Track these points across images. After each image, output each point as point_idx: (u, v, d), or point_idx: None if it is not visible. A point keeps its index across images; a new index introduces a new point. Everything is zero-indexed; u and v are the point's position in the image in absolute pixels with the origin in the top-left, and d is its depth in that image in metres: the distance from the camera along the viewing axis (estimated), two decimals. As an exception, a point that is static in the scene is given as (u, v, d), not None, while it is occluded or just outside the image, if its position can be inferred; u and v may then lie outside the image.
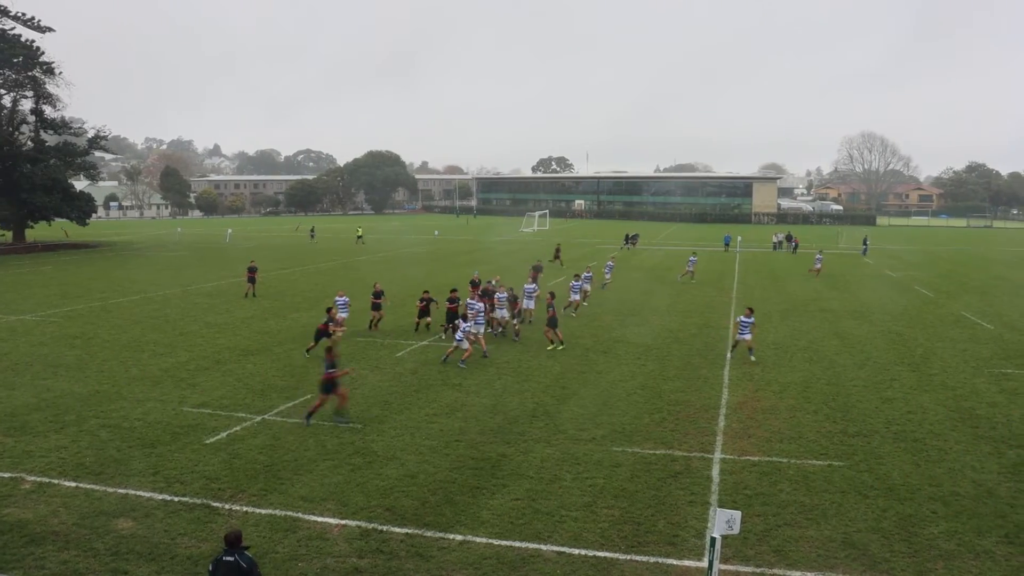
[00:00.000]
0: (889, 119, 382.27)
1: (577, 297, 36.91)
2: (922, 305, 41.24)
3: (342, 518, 14.33)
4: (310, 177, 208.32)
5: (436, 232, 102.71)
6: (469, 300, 28.77)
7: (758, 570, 12.62)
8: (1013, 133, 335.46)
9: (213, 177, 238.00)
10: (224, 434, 18.96)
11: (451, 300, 30.68)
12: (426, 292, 32.70)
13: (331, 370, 19.78)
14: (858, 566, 12.76)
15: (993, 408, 21.81)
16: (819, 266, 54.51)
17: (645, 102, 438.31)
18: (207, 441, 18.45)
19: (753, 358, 27.09)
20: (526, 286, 33.70)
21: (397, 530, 13.86)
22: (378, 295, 32.49)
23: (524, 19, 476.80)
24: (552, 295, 30.19)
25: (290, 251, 75.63)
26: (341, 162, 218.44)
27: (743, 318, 27.48)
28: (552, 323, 29.15)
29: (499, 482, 16.14)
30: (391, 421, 20.13)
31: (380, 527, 13.96)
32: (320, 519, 14.28)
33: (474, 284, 34.06)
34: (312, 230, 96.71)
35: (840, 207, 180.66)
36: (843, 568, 12.69)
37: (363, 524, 14.07)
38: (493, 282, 34.57)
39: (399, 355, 27.82)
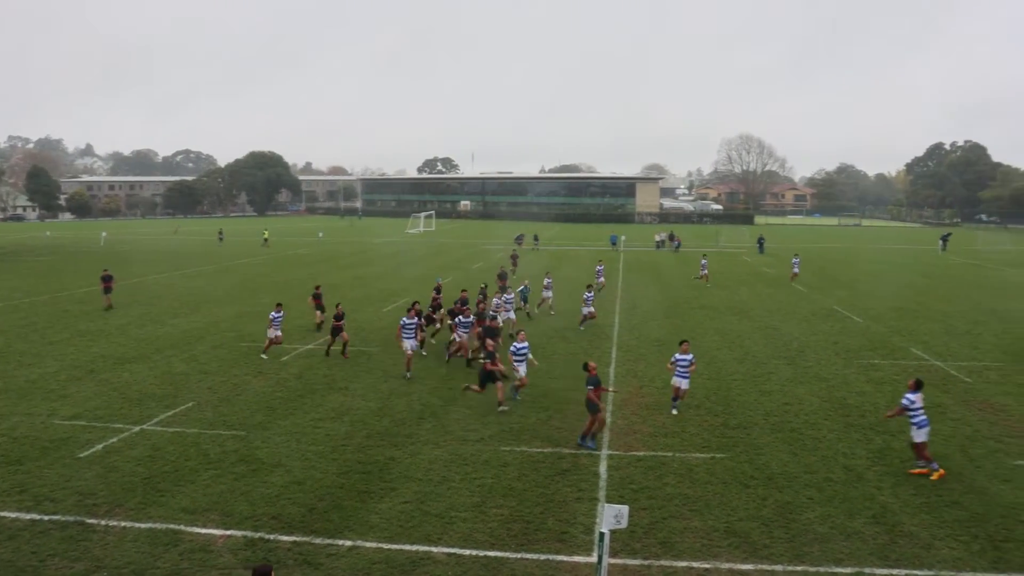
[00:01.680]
0: (766, 122, 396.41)
1: (591, 309, 33.70)
2: (797, 300, 42.98)
3: (226, 528, 13.97)
4: (189, 178, 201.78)
5: (320, 234, 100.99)
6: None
7: (645, 562, 12.93)
8: (878, 137, 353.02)
9: (86, 178, 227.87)
10: (99, 447, 18.21)
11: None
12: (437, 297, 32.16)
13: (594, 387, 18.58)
14: (740, 553, 13.25)
15: (862, 397, 22.96)
16: (705, 272, 52.45)
17: (530, 104, 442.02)
18: (80, 455, 17.68)
19: (674, 411, 21.28)
20: (497, 298, 31.91)
21: (284, 538, 13.61)
22: (339, 317, 27.91)
23: (409, 21, 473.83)
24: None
25: (169, 254, 73.15)
26: (222, 163, 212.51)
27: (679, 356, 21.28)
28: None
29: (388, 485, 16.05)
30: (276, 427, 19.75)
31: (266, 536, 13.68)
32: (203, 531, 13.89)
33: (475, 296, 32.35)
34: (220, 233, 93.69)
35: (720, 207, 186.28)
36: (726, 556, 13.14)
37: (249, 534, 13.76)
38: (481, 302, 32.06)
39: (284, 360, 27.29)
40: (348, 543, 13.48)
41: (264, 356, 27.53)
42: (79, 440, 18.67)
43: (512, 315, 31.79)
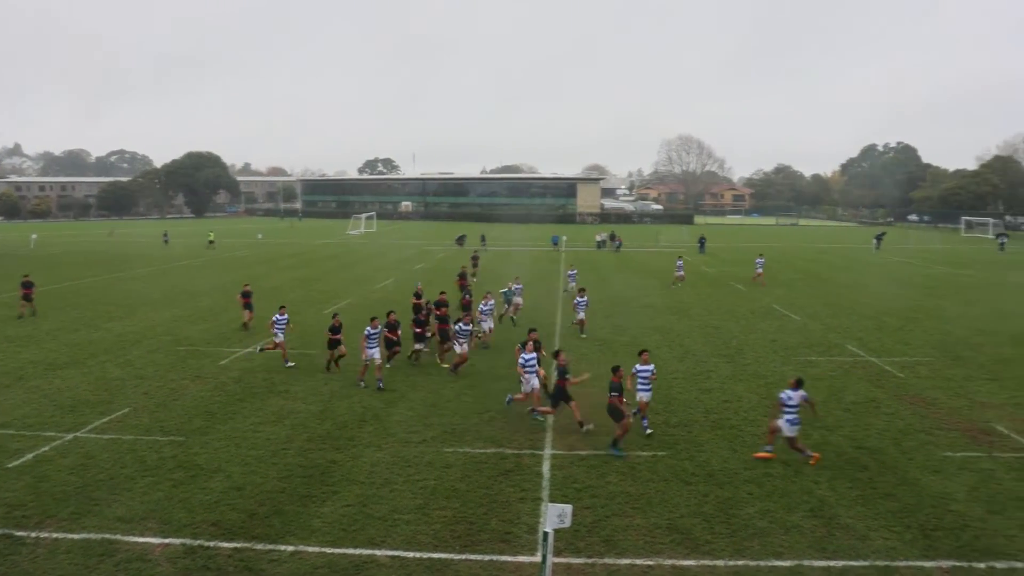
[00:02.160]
0: (706, 123, 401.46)
1: (582, 315, 32.50)
2: (736, 299, 43.61)
3: (164, 537, 13.71)
4: (124, 179, 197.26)
5: (259, 235, 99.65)
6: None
7: (589, 561, 13.02)
8: (814, 138, 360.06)
9: (14, 179, 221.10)
10: (29, 456, 17.71)
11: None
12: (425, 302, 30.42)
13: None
14: (682, 549, 13.41)
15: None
16: (681, 273, 51.20)
17: (472, 105, 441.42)
18: (9, 465, 17.17)
19: (648, 431, 19.75)
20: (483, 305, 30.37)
21: (225, 545, 13.40)
22: (336, 330, 25.84)
23: (349, 21, 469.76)
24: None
25: (104, 257, 71.39)
26: (158, 163, 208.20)
27: (640, 367, 20.08)
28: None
29: (330, 489, 15.90)
30: (215, 432, 19.43)
31: (206, 543, 13.46)
32: (140, 540, 13.60)
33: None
34: (165, 235, 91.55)
35: (660, 207, 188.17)
36: (668, 553, 13.29)
37: (188, 542, 13.52)
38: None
39: (223, 363, 26.87)
40: (290, 548, 13.33)
41: (290, 364, 26.53)
42: (7, 450, 18.13)
43: (491, 324, 30.29)
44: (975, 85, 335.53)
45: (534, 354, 21.32)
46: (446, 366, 26.19)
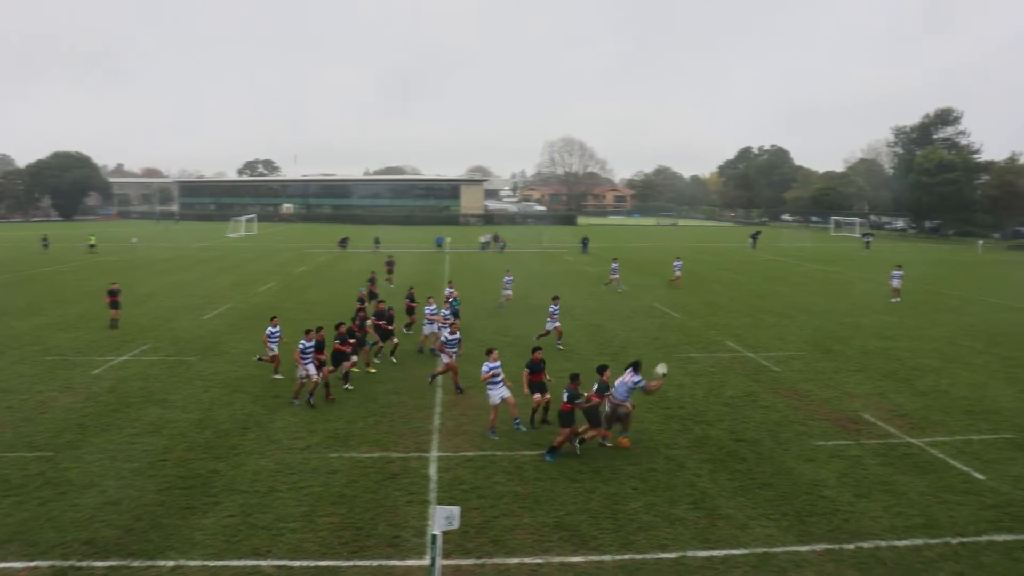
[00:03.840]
0: (588, 125, 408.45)
1: (557, 325, 30.82)
2: (619, 299, 44.43)
3: (30, 559, 12.97)
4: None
5: (134, 239, 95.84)
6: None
7: (479, 561, 13.02)
8: (692, 141, 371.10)
9: None
10: None
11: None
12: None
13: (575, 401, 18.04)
14: (570, 546, 13.56)
15: (681, 389, 24.02)
16: (679, 274, 51.07)
17: (354, 106, 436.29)
18: None
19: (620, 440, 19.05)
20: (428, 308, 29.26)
21: (98, 564, 12.81)
22: (347, 335, 24.69)
23: (227, 18, 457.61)
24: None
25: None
26: (22, 163, 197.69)
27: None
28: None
29: (211, 500, 15.41)
30: (88, 445, 18.54)
31: (78, 563, 12.82)
32: (2, 565, 12.85)
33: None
34: (45, 239, 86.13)
35: (543, 208, 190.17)
36: (557, 550, 13.41)
37: (57, 563, 12.84)
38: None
39: (95, 372, 25.69)
40: (170, 563, 12.84)
41: (278, 376, 25.26)
42: None
43: (436, 328, 28.43)
44: (842, 90, 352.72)
45: (498, 363, 19.76)
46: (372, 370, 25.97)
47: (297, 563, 12.89)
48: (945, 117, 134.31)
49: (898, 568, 12.90)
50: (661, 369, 19.36)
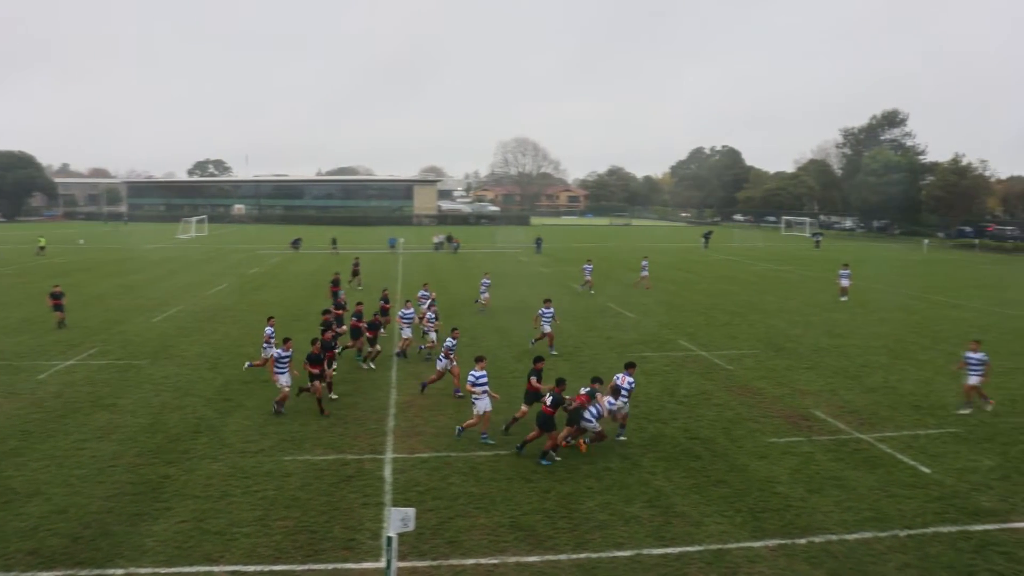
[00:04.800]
0: (541, 126, 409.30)
1: (549, 328, 29.97)
2: (573, 299, 44.58)
3: (-28, 570, 12.66)
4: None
5: (81, 241, 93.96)
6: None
7: (434, 563, 12.96)
8: (645, 141, 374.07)
9: None
10: None
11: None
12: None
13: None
14: (526, 546, 13.57)
15: (636, 388, 24.01)
16: (646, 274, 50.94)
17: (307, 106, 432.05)
18: None
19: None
20: (404, 311, 29.37)
21: (44, 574, 12.51)
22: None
23: (173, 14, 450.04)
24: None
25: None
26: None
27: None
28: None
29: (162, 505, 15.15)
30: (32, 452, 18.10)
31: (21, 575, 12.51)
32: (-57, 575, 12.51)
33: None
34: None
35: (497, 208, 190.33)
36: (513, 550, 13.41)
37: None
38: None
39: (40, 377, 25.11)
40: (120, 572, 12.60)
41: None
42: None
43: (410, 332, 28.79)
44: (793, 93, 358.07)
45: (484, 372, 19.47)
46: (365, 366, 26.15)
47: (251, 568, 12.73)
48: (891, 119, 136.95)
49: (848, 561, 13.11)
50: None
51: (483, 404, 19.13)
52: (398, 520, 10.77)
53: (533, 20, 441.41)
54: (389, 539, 10.82)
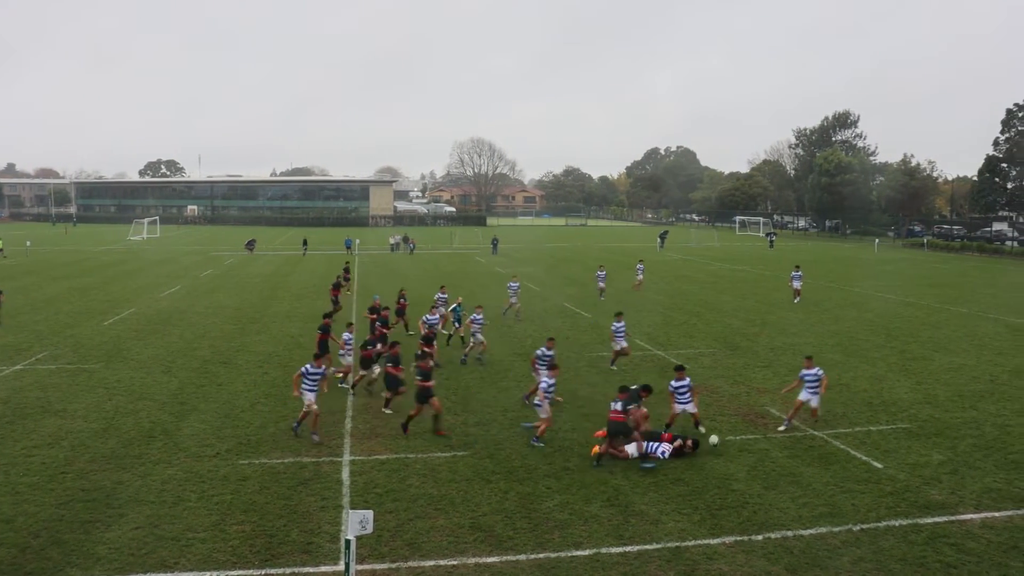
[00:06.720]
0: (497, 126, 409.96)
1: (624, 344, 27.56)
2: (530, 299, 44.53)
3: (-85, 584, 12.32)
4: None
5: (28, 243, 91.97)
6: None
7: (394, 565, 12.89)
8: (601, 142, 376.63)
9: None
10: None
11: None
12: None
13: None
14: (486, 547, 13.54)
15: (593, 388, 24.24)
16: (641, 277, 50.62)
17: (261, 106, 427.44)
18: None
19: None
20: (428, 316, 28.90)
21: (-9, 584, 12.23)
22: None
23: (125, 10, 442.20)
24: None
25: None
26: None
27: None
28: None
29: (116, 512, 14.87)
30: (-21, 459, 17.70)
31: (-32, 584, 12.22)
32: None
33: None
34: None
35: (453, 209, 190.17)
36: (472, 551, 13.37)
37: (-55, 584, 12.23)
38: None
39: (-12, 383, 24.57)
40: (70, 579, 12.35)
41: (344, 385, 24.18)
42: None
43: (482, 337, 28.27)
44: (747, 93, 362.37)
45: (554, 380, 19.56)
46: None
47: (207, 574, 12.54)
48: (843, 120, 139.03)
49: (805, 556, 13.27)
50: (714, 439, 18.97)
51: (546, 409, 18.95)
52: (356, 523, 10.69)
53: (490, 21, 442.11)
54: (348, 542, 10.73)
